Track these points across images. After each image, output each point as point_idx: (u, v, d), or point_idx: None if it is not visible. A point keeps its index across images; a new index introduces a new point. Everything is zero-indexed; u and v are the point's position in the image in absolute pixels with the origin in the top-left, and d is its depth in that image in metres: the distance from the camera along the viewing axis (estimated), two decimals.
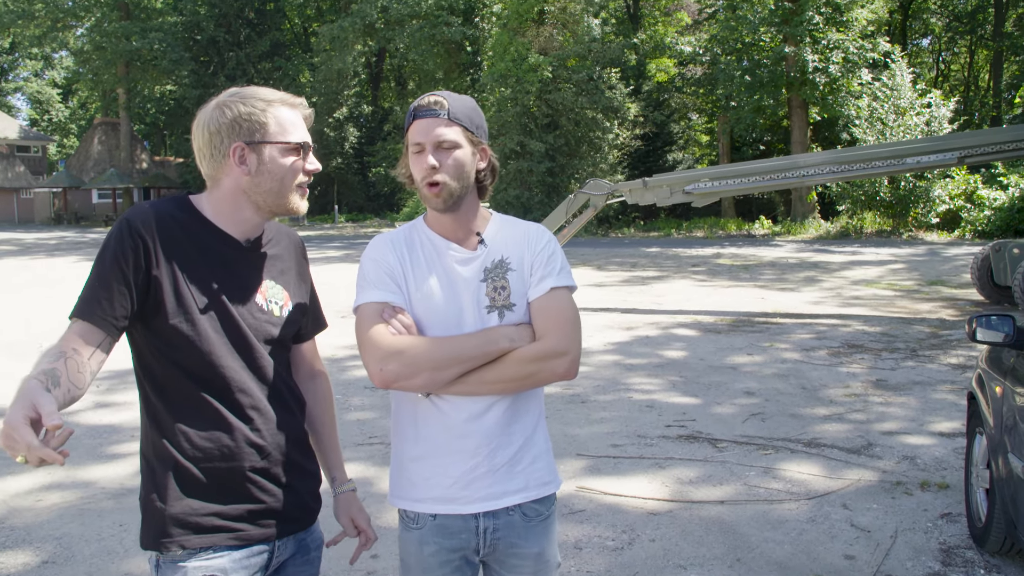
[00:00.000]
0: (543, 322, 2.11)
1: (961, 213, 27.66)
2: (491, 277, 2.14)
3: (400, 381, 2.03)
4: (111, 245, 1.91)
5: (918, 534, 4.58)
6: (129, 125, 53.98)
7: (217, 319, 1.98)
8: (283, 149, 2.01)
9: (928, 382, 8.13)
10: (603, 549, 4.45)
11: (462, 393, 2.08)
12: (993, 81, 43.09)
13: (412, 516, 2.18)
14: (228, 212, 2.04)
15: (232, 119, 1.98)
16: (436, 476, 2.14)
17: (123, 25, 47.25)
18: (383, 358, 2.02)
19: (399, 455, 2.22)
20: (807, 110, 33.15)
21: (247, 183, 2.01)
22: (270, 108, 2.01)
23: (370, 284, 2.13)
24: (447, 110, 2.07)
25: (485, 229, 2.20)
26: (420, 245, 2.18)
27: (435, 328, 2.11)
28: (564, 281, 2.16)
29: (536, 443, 2.21)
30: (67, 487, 5.51)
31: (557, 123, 34.98)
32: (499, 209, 33.79)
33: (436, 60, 42.68)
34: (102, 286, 1.89)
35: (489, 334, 2.08)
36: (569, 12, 35.74)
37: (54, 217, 53.31)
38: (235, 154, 1.99)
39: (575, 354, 2.11)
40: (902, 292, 15.25)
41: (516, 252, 2.18)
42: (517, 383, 2.09)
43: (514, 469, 2.15)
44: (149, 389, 2.00)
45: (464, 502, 2.13)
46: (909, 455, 5.90)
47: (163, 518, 1.94)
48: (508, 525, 2.17)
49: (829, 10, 31.53)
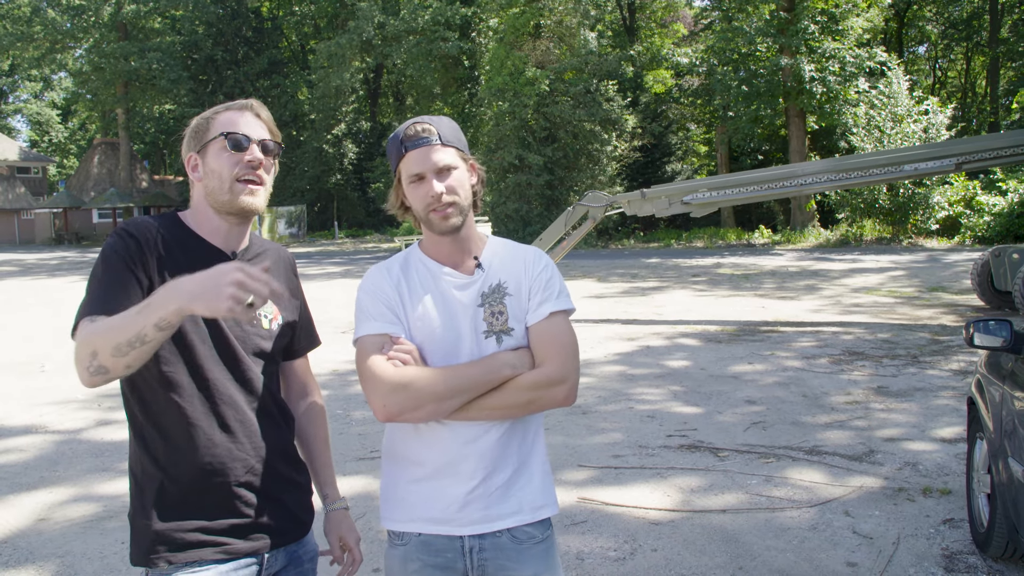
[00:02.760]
0: (543, 349, 2.12)
1: (960, 219, 27.68)
2: (488, 302, 2.14)
3: (404, 415, 2.04)
4: (113, 249, 1.93)
5: (920, 540, 4.57)
6: (129, 145, 54.12)
7: (205, 330, 1.99)
8: (217, 147, 2.03)
9: (929, 388, 8.13)
10: (605, 559, 4.45)
11: (464, 419, 2.09)
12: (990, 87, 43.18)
13: (398, 534, 2.19)
14: (203, 222, 2.08)
15: (189, 135, 2.08)
16: (431, 499, 2.14)
17: (121, 45, 47.41)
18: (386, 393, 2.02)
19: (393, 477, 2.22)
20: (805, 119, 33.23)
21: (203, 190, 2.06)
22: (216, 115, 2.06)
23: (368, 316, 2.13)
24: (438, 136, 2.10)
25: (482, 253, 2.20)
26: (416, 272, 2.18)
27: (434, 354, 2.12)
28: (563, 305, 2.17)
29: (532, 465, 2.20)
30: (70, 505, 5.51)
31: (555, 136, 35.05)
32: (498, 222, 33.86)
33: (433, 75, 42.82)
34: (112, 284, 1.89)
35: (490, 362, 2.08)
36: (565, 25, 35.88)
37: (55, 237, 53.35)
38: (189, 164, 2.07)
39: (574, 381, 2.12)
40: (902, 299, 15.25)
41: (513, 276, 2.18)
42: (517, 409, 2.10)
43: (508, 491, 2.15)
44: (135, 404, 2.01)
45: (458, 524, 2.13)
46: (911, 461, 5.89)
47: (149, 534, 1.95)
48: (496, 547, 2.15)
49: (825, 19, 31.66)
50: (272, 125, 2.11)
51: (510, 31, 35.32)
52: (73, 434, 7.32)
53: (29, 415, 8.04)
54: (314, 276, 23.41)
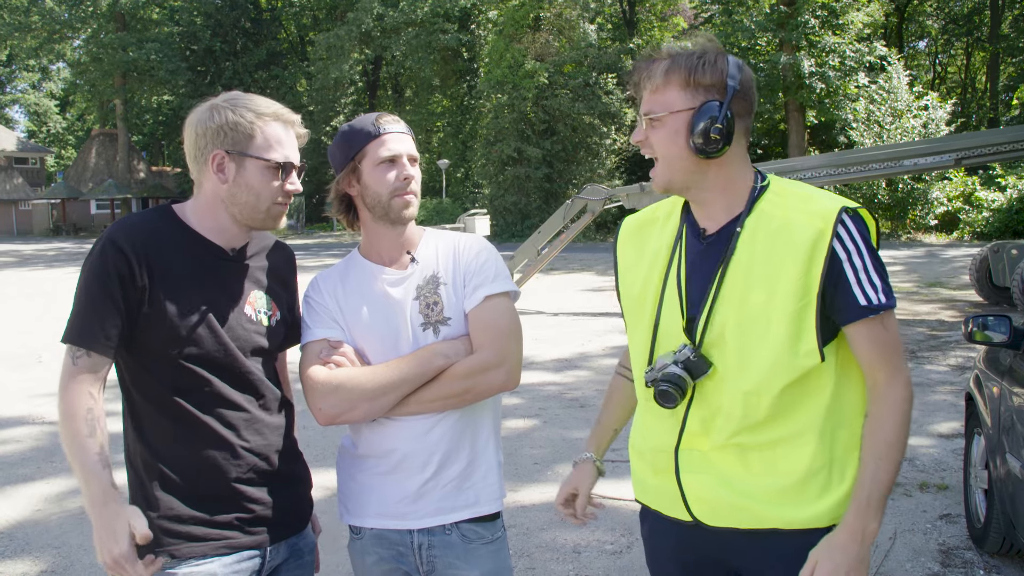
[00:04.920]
0: (478, 334, 2.11)
1: (959, 215, 27.66)
2: (423, 294, 2.14)
3: (341, 417, 2.06)
4: (96, 269, 1.90)
5: (917, 535, 4.58)
6: (127, 136, 53.98)
7: (205, 330, 1.96)
8: (264, 166, 1.98)
9: (927, 383, 8.13)
10: (602, 553, 4.45)
11: (404, 414, 2.09)
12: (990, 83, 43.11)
13: (356, 528, 2.22)
14: (209, 219, 2.02)
15: (219, 125, 1.96)
16: (385, 493, 2.14)
17: (119, 36, 47.25)
18: (320, 396, 2.05)
19: (348, 472, 2.24)
20: (804, 113, 33.18)
21: (224, 192, 1.99)
22: (259, 121, 1.97)
23: (306, 325, 2.17)
24: (406, 126, 2.14)
25: (418, 247, 2.20)
26: (353, 276, 2.19)
27: (375, 354, 2.12)
28: (500, 288, 2.14)
29: (488, 458, 2.20)
30: (67, 497, 5.51)
31: (554, 129, 35.02)
32: (496, 215, 33.86)
33: (432, 67, 42.73)
34: (95, 312, 1.89)
35: (422, 355, 2.08)
36: (565, 18, 35.79)
37: (52, 228, 53.29)
38: (214, 161, 1.97)
39: (511, 364, 2.10)
40: (901, 294, 15.25)
41: (447, 265, 2.17)
42: (456, 399, 2.08)
43: (463, 484, 2.14)
44: (135, 399, 2.00)
45: (412, 518, 2.13)
46: (908, 456, 5.89)
47: (152, 527, 1.93)
48: (445, 544, 2.14)
49: (825, 13, 31.58)
50: (304, 140, 2.09)
51: (509, 23, 35.24)
52: None
53: (26, 406, 8.03)
54: (312, 268, 23.35)
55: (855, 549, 1.74)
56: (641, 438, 2.01)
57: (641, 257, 1.99)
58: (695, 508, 1.89)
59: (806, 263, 1.74)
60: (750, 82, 1.81)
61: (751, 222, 1.81)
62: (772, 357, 1.76)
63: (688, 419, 1.86)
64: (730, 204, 1.85)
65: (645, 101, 1.83)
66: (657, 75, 1.80)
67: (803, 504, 1.80)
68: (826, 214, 1.75)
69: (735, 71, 1.78)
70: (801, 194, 1.83)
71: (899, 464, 1.80)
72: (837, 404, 1.81)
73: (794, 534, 1.81)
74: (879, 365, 1.78)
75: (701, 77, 1.76)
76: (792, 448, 1.80)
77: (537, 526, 4.88)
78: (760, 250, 1.79)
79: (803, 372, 1.77)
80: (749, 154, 1.93)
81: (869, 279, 1.74)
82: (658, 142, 1.82)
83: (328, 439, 6.02)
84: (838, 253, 1.73)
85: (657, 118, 1.80)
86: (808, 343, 1.75)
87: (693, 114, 1.76)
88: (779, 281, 1.76)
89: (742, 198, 1.84)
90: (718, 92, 1.77)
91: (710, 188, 1.84)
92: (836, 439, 1.81)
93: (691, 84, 1.77)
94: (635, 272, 1.99)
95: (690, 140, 1.77)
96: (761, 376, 1.77)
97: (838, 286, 1.74)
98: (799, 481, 1.80)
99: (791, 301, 1.75)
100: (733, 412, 1.80)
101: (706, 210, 1.87)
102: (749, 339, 1.78)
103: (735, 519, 1.84)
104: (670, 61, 1.80)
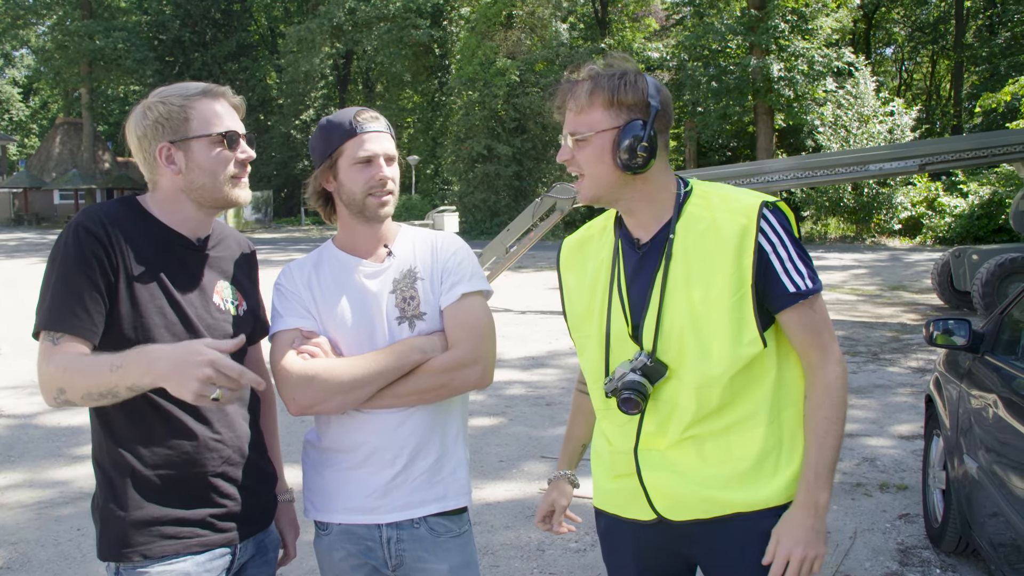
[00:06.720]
0: (454, 331, 2.12)
1: (923, 220, 28.04)
2: (400, 288, 2.14)
3: (314, 407, 2.05)
4: (71, 253, 1.85)
5: (876, 535, 4.63)
6: (92, 125, 53.12)
7: (175, 319, 1.94)
8: (208, 142, 1.96)
9: (889, 385, 8.24)
10: (566, 551, 4.46)
11: (378, 407, 2.08)
12: (954, 90, 43.76)
13: (323, 524, 2.20)
14: (172, 211, 2.01)
15: (154, 120, 1.96)
16: (354, 488, 2.14)
17: (86, 23, 46.50)
18: (293, 386, 2.03)
19: (316, 466, 2.21)
20: (773, 117, 33.46)
21: (181, 182, 1.98)
22: (189, 102, 1.96)
23: (278, 314, 2.15)
24: (386, 125, 2.13)
25: (394, 241, 2.20)
26: (329, 267, 2.18)
27: (349, 346, 2.11)
28: (476, 286, 2.16)
29: (457, 453, 2.21)
30: (24, 491, 5.42)
31: (524, 127, 35.02)
32: (466, 212, 33.79)
33: (404, 63, 42.55)
34: (75, 297, 1.83)
35: (399, 348, 2.07)
36: (537, 16, 35.84)
37: (14, 218, 52.33)
38: (162, 155, 1.96)
39: (486, 362, 2.12)
40: (864, 297, 15.45)
41: (425, 260, 2.18)
42: (431, 394, 2.09)
43: (432, 479, 2.14)
44: None
45: (381, 512, 2.13)
46: (869, 457, 5.97)
47: (124, 527, 1.90)
48: (413, 538, 2.14)
49: (794, 18, 31.87)
50: (242, 110, 2.08)
51: (482, 20, 35.21)
52: (28, 418, 7.19)
53: None
54: (278, 262, 23.17)
55: (811, 521, 1.86)
56: (602, 444, 2.11)
57: (583, 275, 2.08)
58: (659, 505, 1.96)
59: (736, 257, 1.85)
60: (668, 100, 1.90)
61: (681, 226, 1.92)
62: (721, 349, 1.86)
63: (644, 421, 1.95)
64: (659, 213, 1.95)
65: (569, 121, 1.91)
66: (581, 96, 1.88)
67: (760, 484, 1.91)
68: (748, 210, 1.87)
69: (654, 91, 1.87)
70: (723, 194, 1.94)
71: (840, 437, 1.90)
72: (781, 386, 1.92)
73: (752, 516, 1.91)
74: (812, 346, 1.90)
75: (624, 97, 1.85)
76: (744, 432, 1.90)
77: (501, 523, 4.88)
78: (693, 251, 1.89)
79: (749, 360, 1.86)
80: (719, 155, 1.99)
81: (795, 267, 1.87)
82: (585, 160, 1.90)
83: (293, 434, 5.97)
84: (764, 246, 1.85)
85: (584, 138, 1.88)
86: (750, 332, 1.86)
87: (618, 132, 1.85)
88: (715, 277, 1.87)
89: (669, 205, 1.94)
90: (640, 111, 1.85)
91: (638, 199, 1.93)
92: (784, 419, 1.93)
93: (614, 104, 1.85)
94: (579, 291, 2.09)
95: (616, 157, 1.85)
96: (713, 370, 1.86)
97: (768, 277, 1.85)
98: (754, 464, 1.90)
99: (728, 294, 1.85)
100: (687, 408, 1.89)
101: (637, 220, 1.97)
102: (702, 336, 1.87)
103: (700, 510, 1.92)
104: (592, 83, 1.88)
